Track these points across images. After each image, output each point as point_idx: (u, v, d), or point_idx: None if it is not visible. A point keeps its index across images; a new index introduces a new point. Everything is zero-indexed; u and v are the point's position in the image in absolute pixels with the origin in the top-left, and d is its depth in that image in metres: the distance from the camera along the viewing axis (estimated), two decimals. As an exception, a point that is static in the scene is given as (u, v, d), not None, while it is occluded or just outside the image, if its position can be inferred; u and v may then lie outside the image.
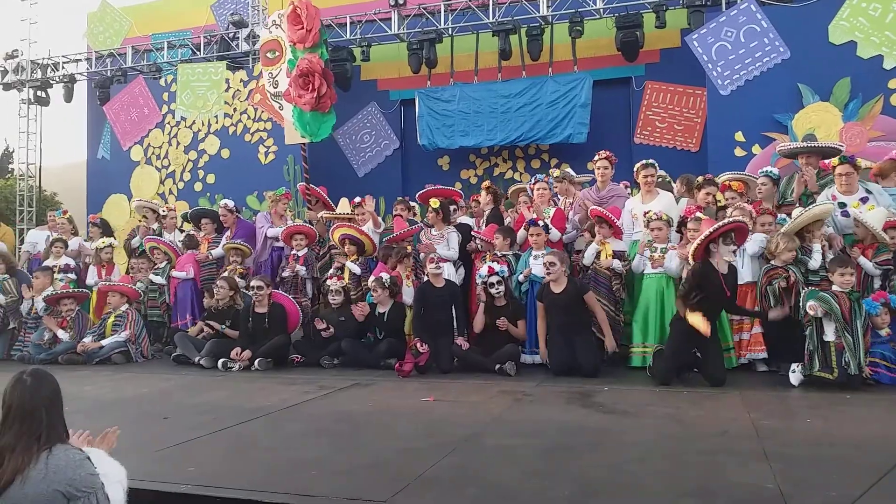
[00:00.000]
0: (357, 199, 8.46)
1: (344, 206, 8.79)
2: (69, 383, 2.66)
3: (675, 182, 7.83)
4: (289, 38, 9.04)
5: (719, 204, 6.84)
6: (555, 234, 7.12)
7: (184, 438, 4.26)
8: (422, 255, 7.56)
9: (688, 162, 9.67)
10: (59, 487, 2.37)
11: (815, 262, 6.01)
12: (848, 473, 3.31)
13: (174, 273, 8.42)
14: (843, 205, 6.22)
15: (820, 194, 6.60)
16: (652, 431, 4.29)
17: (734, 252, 6.14)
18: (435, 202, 7.66)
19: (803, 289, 5.79)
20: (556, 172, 7.92)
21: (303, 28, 8.80)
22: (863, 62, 8.79)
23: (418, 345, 6.52)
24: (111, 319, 7.93)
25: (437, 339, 6.62)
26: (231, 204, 9.10)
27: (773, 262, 6.12)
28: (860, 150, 8.15)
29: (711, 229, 5.61)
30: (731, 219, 5.89)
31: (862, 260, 6.04)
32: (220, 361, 7.09)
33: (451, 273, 7.30)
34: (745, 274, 6.28)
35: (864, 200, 6.17)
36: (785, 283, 5.95)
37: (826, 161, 6.89)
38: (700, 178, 7.29)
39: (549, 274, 6.35)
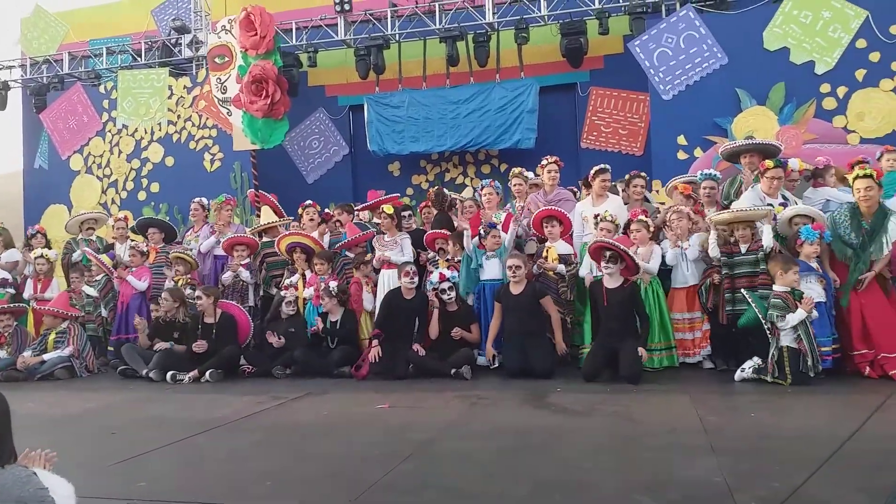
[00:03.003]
0: (308, 202, 8.39)
1: (267, 215, 8.72)
2: (10, 401, 2.58)
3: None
4: (240, 44, 8.96)
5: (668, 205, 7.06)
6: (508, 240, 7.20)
7: (133, 453, 4.15)
8: (375, 262, 7.54)
9: (633, 166, 9.82)
10: None
11: (712, 251, 6.25)
12: (790, 464, 3.44)
13: (130, 279, 8.12)
14: (770, 206, 6.41)
15: (747, 191, 6.75)
16: (603, 430, 4.39)
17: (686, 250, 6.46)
18: (389, 208, 7.65)
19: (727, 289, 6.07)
20: (517, 170, 7.96)
21: (256, 34, 8.73)
22: (796, 67, 9.16)
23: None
24: (52, 335, 7.60)
25: (395, 344, 6.61)
26: (205, 201, 8.96)
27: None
28: (795, 153, 8.47)
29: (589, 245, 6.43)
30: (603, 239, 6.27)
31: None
32: (169, 374, 6.92)
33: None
34: (690, 277, 6.50)
35: (783, 205, 6.39)
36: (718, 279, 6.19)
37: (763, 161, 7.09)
38: (628, 175, 7.51)
39: (513, 277, 6.42)
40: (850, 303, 5.85)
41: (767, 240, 6.00)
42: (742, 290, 5.87)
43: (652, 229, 6.68)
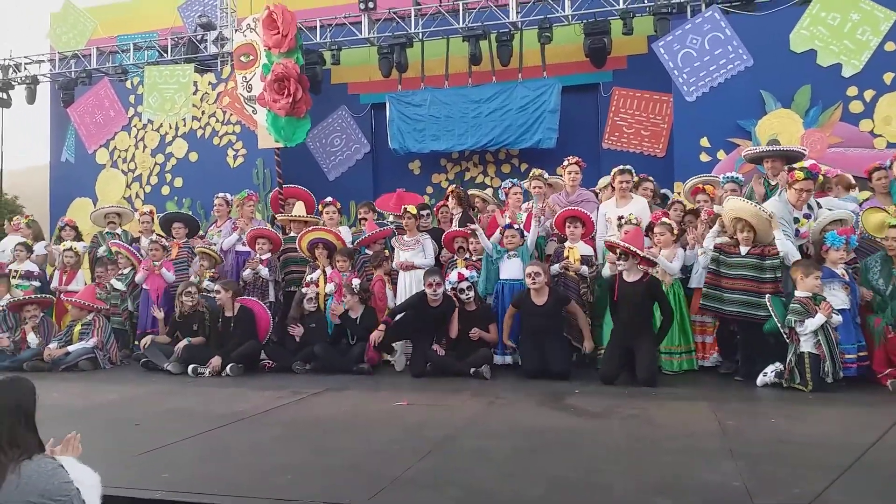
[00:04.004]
0: (328, 199, 8.43)
1: (300, 209, 8.77)
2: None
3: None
4: (263, 43, 9.10)
5: (689, 207, 7.05)
6: (531, 239, 7.19)
7: (156, 445, 4.22)
8: (396, 265, 7.57)
9: (654, 167, 9.82)
10: (33, 499, 2.34)
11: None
12: (810, 471, 3.42)
13: (163, 272, 8.18)
14: (796, 220, 6.32)
15: (773, 196, 6.64)
16: (622, 432, 4.39)
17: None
18: (412, 208, 7.68)
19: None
20: (536, 171, 7.91)
21: (278, 33, 8.86)
22: (822, 70, 9.04)
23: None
24: (77, 327, 7.74)
25: (413, 343, 6.63)
26: (229, 196, 9.05)
27: None
28: (820, 157, 8.37)
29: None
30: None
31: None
32: (191, 367, 7.01)
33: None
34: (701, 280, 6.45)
35: (807, 217, 6.31)
36: None
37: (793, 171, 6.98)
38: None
39: (533, 284, 6.38)
40: (874, 327, 5.77)
41: (782, 245, 5.87)
42: (767, 296, 5.78)
43: (676, 231, 6.64)
